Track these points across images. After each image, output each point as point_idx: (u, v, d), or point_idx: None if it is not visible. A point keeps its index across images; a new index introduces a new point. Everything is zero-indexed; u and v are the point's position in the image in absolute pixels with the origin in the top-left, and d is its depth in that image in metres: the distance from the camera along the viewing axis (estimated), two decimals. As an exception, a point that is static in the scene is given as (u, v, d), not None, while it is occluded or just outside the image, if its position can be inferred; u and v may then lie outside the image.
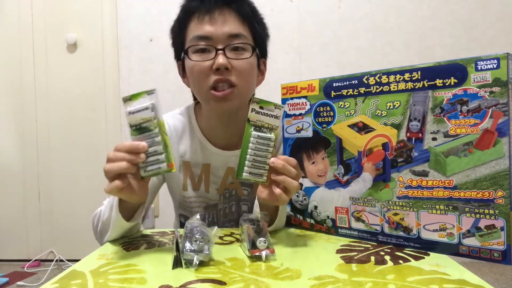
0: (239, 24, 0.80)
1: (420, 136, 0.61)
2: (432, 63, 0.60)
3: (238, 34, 0.78)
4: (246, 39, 0.80)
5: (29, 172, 2.29)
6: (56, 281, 0.52)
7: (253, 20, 0.83)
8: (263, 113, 0.65)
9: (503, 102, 0.54)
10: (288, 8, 2.16)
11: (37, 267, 2.20)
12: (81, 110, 2.26)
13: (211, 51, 0.77)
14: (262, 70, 0.90)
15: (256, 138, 0.65)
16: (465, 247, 0.58)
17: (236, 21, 0.79)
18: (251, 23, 0.82)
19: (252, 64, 0.82)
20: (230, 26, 0.78)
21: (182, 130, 0.93)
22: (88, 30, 2.24)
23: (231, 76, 0.77)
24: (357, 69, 2.19)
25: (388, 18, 2.13)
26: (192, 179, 0.93)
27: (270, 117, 0.65)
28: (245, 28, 0.81)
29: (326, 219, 0.74)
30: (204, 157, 0.91)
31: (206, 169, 0.91)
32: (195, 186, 0.92)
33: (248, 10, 0.82)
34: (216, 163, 0.91)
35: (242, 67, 0.79)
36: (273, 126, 0.66)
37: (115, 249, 0.68)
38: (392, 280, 0.50)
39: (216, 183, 0.92)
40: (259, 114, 0.65)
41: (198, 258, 0.56)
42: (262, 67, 0.90)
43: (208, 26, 0.78)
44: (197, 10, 0.79)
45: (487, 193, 0.56)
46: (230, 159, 0.90)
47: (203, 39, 0.78)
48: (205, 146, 0.91)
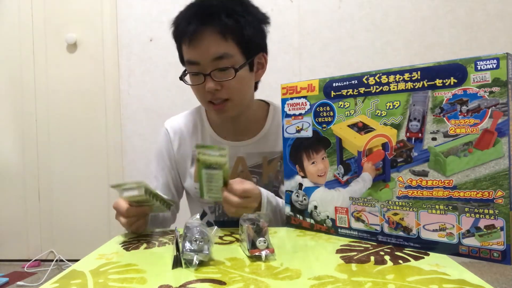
0: (221, 43, 0.82)
1: (420, 136, 0.61)
2: (432, 63, 0.60)
3: (222, 55, 0.82)
4: (231, 58, 0.83)
5: (29, 172, 2.29)
6: (56, 281, 0.52)
7: (237, 29, 0.82)
8: (209, 154, 0.76)
9: (502, 102, 0.54)
10: (288, 8, 2.16)
11: (37, 267, 2.20)
12: (81, 110, 2.27)
13: (201, 76, 0.85)
14: (262, 63, 0.92)
15: (208, 174, 0.77)
16: (465, 247, 0.58)
17: (219, 40, 0.82)
18: (236, 34, 0.82)
19: (242, 78, 0.86)
20: (212, 49, 0.82)
21: (193, 127, 1.01)
22: (88, 30, 2.24)
23: (222, 94, 0.85)
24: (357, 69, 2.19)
25: (388, 18, 2.13)
26: None
27: (215, 157, 0.76)
28: (228, 44, 0.82)
29: (326, 219, 0.74)
30: None
31: None
32: None
33: (229, 22, 0.81)
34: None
35: (230, 85, 0.84)
36: (220, 163, 0.76)
37: (115, 249, 0.68)
38: (392, 280, 0.50)
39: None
40: (206, 156, 0.76)
41: (198, 258, 0.56)
42: (262, 60, 0.91)
43: (194, 52, 0.83)
44: (184, 34, 0.83)
45: (487, 193, 0.56)
46: (239, 149, 0.97)
47: (193, 64, 0.85)
48: (215, 139, 0.98)
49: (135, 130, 2.26)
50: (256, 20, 0.87)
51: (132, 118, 2.26)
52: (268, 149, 0.96)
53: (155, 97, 2.24)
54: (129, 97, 2.26)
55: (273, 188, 0.97)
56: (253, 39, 0.85)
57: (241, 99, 0.89)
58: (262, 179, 0.97)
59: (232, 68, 0.83)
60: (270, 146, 0.96)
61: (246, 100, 0.92)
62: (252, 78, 0.90)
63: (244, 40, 0.83)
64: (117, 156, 2.26)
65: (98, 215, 2.25)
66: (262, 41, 0.90)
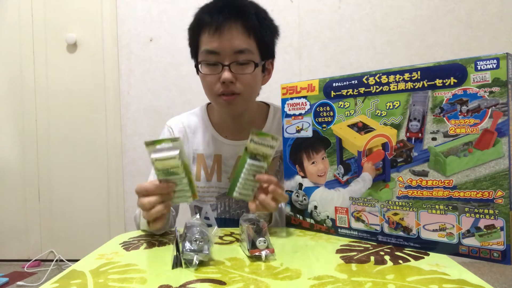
0: (245, 38, 0.85)
1: (420, 136, 0.61)
2: (431, 63, 0.60)
3: (244, 49, 0.84)
4: (251, 54, 0.85)
5: (29, 172, 2.29)
6: (56, 281, 0.52)
7: (260, 30, 0.86)
8: (260, 143, 0.73)
9: (502, 102, 0.54)
10: (288, 8, 2.16)
11: (37, 267, 2.20)
12: (81, 110, 2.26)
13: (218, 66, 0.85)
14: (269, 69, 0.95)
15: (250, 166, 0.74)
16: (465, 247, 0.58)
17: (243, 35, 0.84)
18: (258, 35, 0.86)
19: (256, 75, 0.88)
20: (236, 42, 0.84)
21: (195, 127, 1.02)
22: (88, 30, 2.24)
23: (235, 87, 0.86)
24: (357, 69, 2.20)
25: (388, 18, 2.13)
26: (205, 169, 1.00)
27: (265, 147, 0.73)
28: (250, 41, 0.85)
29: (326, 219, 0.74)
30: (215, 149, 0.99)
31: (217, 160, 0.99)
32: (208, 176, 1.00)
33: (255, 21, 0.85)
34: (227, 153, 0.98)
35: (246, 79, 0.86)
36: (267, 155, 0.74)
37: (115, 249, 0.68)
38: (391, 280, 0.50)
39: (227, 172, 0.99)
40: (256, 144, 0.74)
41: (198, 258, 0.56)
42: (269, 67, 0.95)
43: (216, 42, 0.84)
44: (208, 24, 0.84)
45: (487, 193, 0.56)
46: (239, 148, 0.97)
47: (212, 54, 0.85)
48: (216, 138, 0.99)
49: (135, 130, 2.26)
50: (273, 28, 0.92)
51: (132, 118, 2.26)
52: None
53: (155, 97, 2.24)
54: (129, 97, 2.26)
55: None
56: (270, 43, 0.91)
57: (251, 95, 0.92)
58: None
59: (253, 62, 0.85)
60: None
61: (253, 98, 0.95)
62: (260, 79, 0.93)
63: (263, 42, 0.88)
64: (117, 156, 2.26)
65: (98, 215, 2.25)
66: (274, 48, 0.94)
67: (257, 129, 0.75)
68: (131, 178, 2.26)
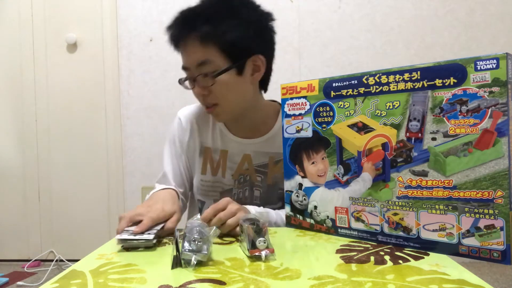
0: (202, 49, 0.83)
1: (420, 136, 0.61)
2: (431, 63, 0.60)
3: (204, 61, 0.83)
4: (213, 63, 0.83)
5: (29, 172, 2.29)
6: (56, 281, 0.52)
7: (217, 35, 0.82)
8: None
9: (502, 102, 0.54)
10: (288, 8, 2.16)
11: (37, 267, 2.20)
12: (81, 110, 2.27)
13: (191, 80, 0.88)
14: (258, 65, 0.89)
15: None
16: (465, 247, 0.58)
17: (199, 46, 0.83)
18: (216, 40, 0.82)
19: (227, 83, 0.85)
20: (194, 55, 0.84)
21: (205, 120, 1.02)
22: (88, 30, 2.25)
23: (210, 98, 0.87)
24: (357, 69, 2.20)
25: (388, 18, 2.13)
26: (211, 164, 1.01)
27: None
28: (209, 50, 0.83)
29: (326, 219, 0.74)
30: (223, 144, 0.99)
31: (224, 155, 0.99)
32: (214, 171, 1.00)
33: (208, 28, 0.81)
34: (234, 150, 0.99)
35: (217, 89, 0.85)
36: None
37: (115, 248, 0.68)
38: (391, 280, 0.50)
39: (232, 168, 0.99)
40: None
41: (196, 258, 0.56)
42: (258, 63, 0.88)
43: (183, 57, 0.88)
44: (171, 41, 0.88)
45: (487, 193, 0.56)
46: (247, 147, 0.98)
47: (184, 69, 0.89)
48: (224, 134, 0.99)
49: (135, 130, 2.26)
50: (246, 23, 0.84)
51: (132, 118, 2.26)
52: (275, 150, 0.96)
53: (155, 97, 2.24)
54: (129, 97, 2.26)
55: (279, 190, 0.97)
56: (239, 43, 0.83)
57: (230, 103, 0.89)
58: (266, 178, 0.98)
59: (211, 74, 0.84)
60: (277, 147, 0.95)
61: (238, 104, 0.90)
62: (243, 81, 0.88)
63: (226, 45, 0.83)
64: (117, 156, 2.26)
65: (98, 215, 2.25)
66: (254, 44, 0.86)
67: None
68: (131, 178, 2.26)
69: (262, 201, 0.98)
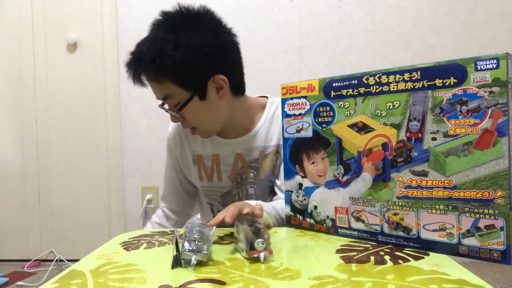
0: (160, 86, 0.85)
1: (420, 136, 0.61)
2: (431, 63, 0.60)
3: (166, 96, 0.86)
4: (175, 97, 0.85)
5: (29, 172, 2.29)
6: (56, 281, 0.52)
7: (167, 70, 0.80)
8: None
9: (502, 102, 0.54)
10: (288, 8, 2.16)
11: (37, 267, 2.20)
12: (81, 110, 2.26)
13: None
14: (220, 85, 0.86)
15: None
16: (465, 247, 0.58)
17: (157, 84, 0.85)
18: (168, 75, 0.81)
19: (194, 110, 0.86)
20: (156, 91, 0.88)
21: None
22: (88, 30, 2.24)
23: (187, 123, 0.91)
24: (357, 69, 2.19)
25: (388, 18, 2.13)
26: (205, 170, 1.01)
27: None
28: (166, 85, 0.83)
29: (326, 219, 0.74)
30: (213, 149, 1.00)
31: (216, 159, 1.00)
32: (209, 177, 1.02)
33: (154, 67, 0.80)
34: (225, 153, 0.99)
35: (189, 116, 0.88)
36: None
37: (115, 248, 0.68)
38: (391, 280, 0.50)
39: (227, 171, 1.00)
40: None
41: (196, 258, 0.56)
42: (219, 82, 0.86)
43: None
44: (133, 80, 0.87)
45: (487, 193, 0.56)
46: (237, 146, 0.98)
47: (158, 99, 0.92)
48: (213, 139, 1.00)
49: (135, 130, 2.26)
50: (193, 50, 0.80)
51: (132, 118, 2.26)
52: (262, 143, 0.97)
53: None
54: (129, 97, 2.26)
55: (270, 183, 0.98)
56: (191, 72, 0.81)
57: (207, 125, 0.91)
58: (259, 173, 0.98)
59: (176, 107, 0.86)
60: (263, 140, 0.97)
61: (215, 122, 0.91)
62: (211, 103, 0.86)
63: (180, 77, 0.82)
64: (117, 156, 2.26)
65: (98, 215, 2.25)
66: (207, 67, 0.83)
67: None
68: (131, 178, 2.25)
69: (257, 198, 0.98)
